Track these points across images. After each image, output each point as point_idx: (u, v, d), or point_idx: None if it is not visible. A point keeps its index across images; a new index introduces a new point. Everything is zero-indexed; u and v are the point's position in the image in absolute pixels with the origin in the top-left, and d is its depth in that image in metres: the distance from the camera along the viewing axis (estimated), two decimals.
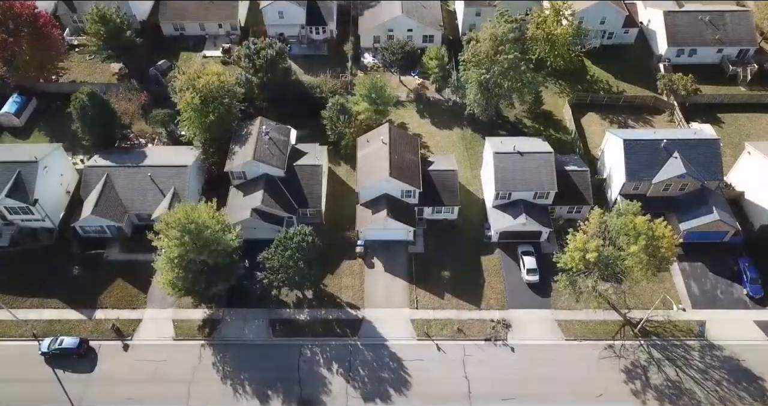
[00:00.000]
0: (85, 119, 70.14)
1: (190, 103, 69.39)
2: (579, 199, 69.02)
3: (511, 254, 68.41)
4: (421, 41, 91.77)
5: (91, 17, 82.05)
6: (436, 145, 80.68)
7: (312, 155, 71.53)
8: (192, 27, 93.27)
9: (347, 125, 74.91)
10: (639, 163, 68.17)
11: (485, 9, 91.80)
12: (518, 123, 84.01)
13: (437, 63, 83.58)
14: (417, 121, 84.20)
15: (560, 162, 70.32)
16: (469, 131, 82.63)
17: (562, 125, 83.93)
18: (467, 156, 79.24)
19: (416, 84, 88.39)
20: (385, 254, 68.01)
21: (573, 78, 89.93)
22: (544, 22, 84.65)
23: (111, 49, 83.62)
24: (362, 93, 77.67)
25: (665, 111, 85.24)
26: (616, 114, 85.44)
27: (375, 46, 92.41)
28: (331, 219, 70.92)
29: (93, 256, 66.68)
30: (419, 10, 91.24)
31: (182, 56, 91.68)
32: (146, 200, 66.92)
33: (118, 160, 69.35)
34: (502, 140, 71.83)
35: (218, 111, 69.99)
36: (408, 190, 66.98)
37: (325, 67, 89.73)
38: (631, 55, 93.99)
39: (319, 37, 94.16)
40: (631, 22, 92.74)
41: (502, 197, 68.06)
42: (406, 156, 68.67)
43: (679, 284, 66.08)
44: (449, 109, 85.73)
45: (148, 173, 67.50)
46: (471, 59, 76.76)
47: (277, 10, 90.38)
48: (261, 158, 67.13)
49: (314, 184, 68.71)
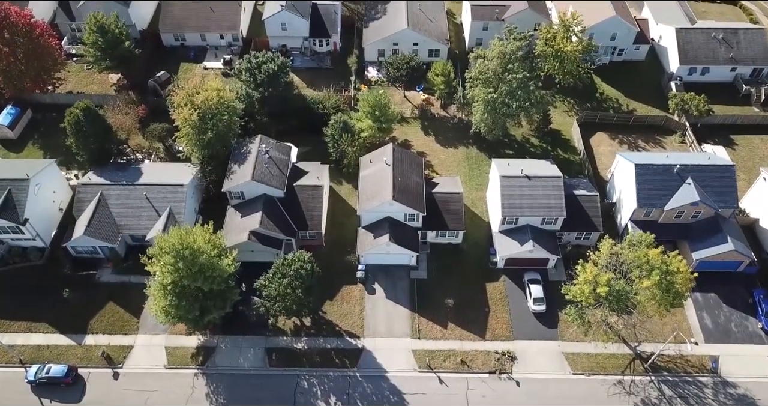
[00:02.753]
0: (79, 135, 67.88)
1: (188, 120, 67.28)
2: (588, 226, 66.67)
3: (516, 281, 66.13)
4: (427, 55, 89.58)
5: (89, 27, 79.93)
6: (441, 164, 78.45)
7: (313, 175, 69.30)
8: (193, 37, 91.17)
9: (350, 144, 72.69)
10: (651, 189, 65.89)
11: (493, 23, 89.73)
12: (525, 142, 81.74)
13: (443, 79, 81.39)
14: (421, 139, 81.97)
15: (569, 186, 68.05)
16: (474, 150, 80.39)
17: (570, 145, 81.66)
18: (472, 176, 76.97)
19: (421, 100, 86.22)
20: (387, 279, 65.74)
21: (582, 95, 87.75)
22: (553, 38, 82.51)
23: (109, 59, 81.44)
24: (365, 110, 75.51)
25: (677, 132, 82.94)
26: (626, 134, 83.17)
27: (379, 59, 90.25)
28: (332, 241, 68.68)
29: (84, 277, 64.45)
30: (425, 24, 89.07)
31: (182, 67, 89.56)
32: (141, 220, 64.71)
33: (112, 177, 67.14)
34: (509, 162, 69.59)
35: (217, 128, 67.78)
36: (411, 214, 64.75)
37: (329, 81, 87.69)
38: (641, 72, 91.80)
39: (322, 49, 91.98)
40: (642, 39, 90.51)
41: (509, 222, 65.79)
42: (409, 178, 66.43)
43: (691, 315, 63.76)
44: (454, 127, 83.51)
45: (143, 192, 65.27)
46: (478, 77, 74.60)
47: (280, 22, 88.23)
48: (260, 179, 64.90)
49: (315, 205, 66.47)
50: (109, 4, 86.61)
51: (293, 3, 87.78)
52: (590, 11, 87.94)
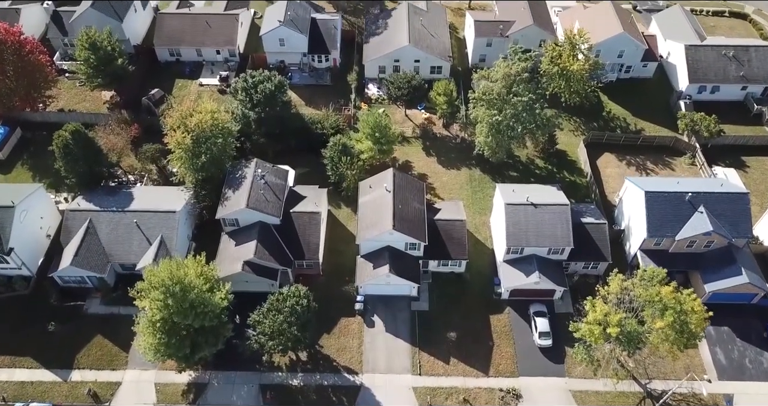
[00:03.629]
0: (68, 158, 65.24)
1: (181, 143, 64.85)
2: (596, 255, 64.05)
3: (521, 313, 63.58)
4: (429, 72, 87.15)
5: (81, 43, 77.51)
6: (443, 187, 75.94)
7: (311, 200, 66.80)
8: (188, 52, 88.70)
9: (349, 167, 70.20)
10: (661, 217, 63.33)
11: (497, 39, 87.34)
12: (530, 163, 79.22)
13: (445, 99, 78.88)
14: (423, 160, 79.47)
15: (576, 213, 65.50)
16: (477, 172, 77.86)
17: (576, 167, 79.12)
18: (475, 200, 74.45)
19: (423, 119, 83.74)
20: (387, 311, 63.19)
21: (588, 114, 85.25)
22: (559, 56, 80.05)
23: (101, 77, 78.99)
24: (365, 132, 73.03)
25: (686, 153, 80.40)
26: (634, 155, 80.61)
27: (380, 76, 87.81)
28: (330, 269, 66.19)
29: (72, 308, 61.92)
30: (427, 39, 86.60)
31: (177, 84, 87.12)
32: (131, 249, 62.17)
33: (102, 203, 64.59)
34: (514, 188, 66.98)
35: (211, 152, 65.33)
36: (412, 243, 62.22)
37: (328, 98, 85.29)
38: (649, 89, 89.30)
39: (321, 65, 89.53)
40: (650, 56, 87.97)
41: (514, 252, 63.24)
42: (410, 205, 63.90)
43: (704, 351, 61.16)
44: (457, 147, 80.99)
45: (133, 219, 62.74)
46: (481, 97, 72.09)
47: (278, 38, 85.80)
48: (255, 206, 62.37)
49: (312, 233, 63.92)
50: (103, 19, 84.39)
51: (292, 18, 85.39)
52: (597, 27, 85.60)
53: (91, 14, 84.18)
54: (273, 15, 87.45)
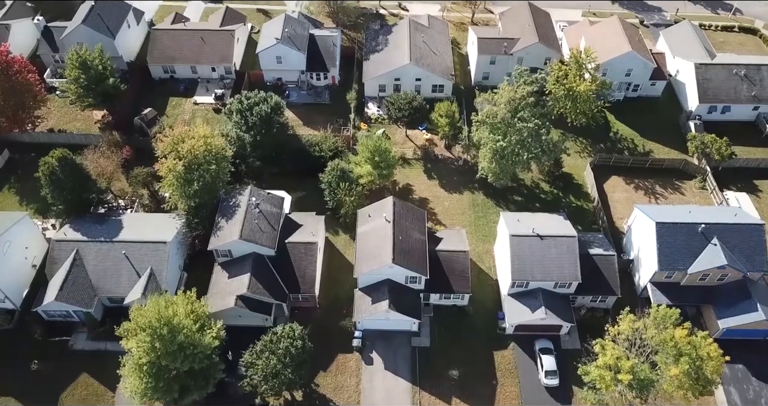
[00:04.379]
0: (55, 185, 62.64)
1: (172, 170, 62.30)
2: (605, 289, 61.35)
3: (527, 349, 60.92)
4: (430, 91, 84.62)
5: (71, 62, 74.97)
6: (445, 212, 73.30)
7: (307, 229, 64.15)
8: (183, 69, 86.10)
9: (347, 193, 67.60)
10: (673, 250, 60.67)
11: (501, 58, 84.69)
12: (535, 187, 76.57)
13: (447, 121, 76.26)
14: (424, 183, 76.83)
15: (583, 242, 62.80)
16: (480, 196, 75.21)
17: (583, 191, 76.48)
18: (479, 226, 71.83)
19: (424, 139, 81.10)
20: (386, 347, 60.51)
21: (595, 135, 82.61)
22: (565, 76, 77.45)
23: (92, 97, 76.40)
24: (365, 155, 70.39)
25: (696, 176, 77.72)
26: (643, 178, 77.95)
27: (380, 95, 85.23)
28: (326, 301, 63.62)
29: (57, 344, 59.29)
30: (429, 57, 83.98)
31: (171, 102, 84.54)
32: (119, 282, 59.58)
33: (90, 232, 61.98)
34: (519, 218, 64.36)
35: (203, 179, 62.73)
36: (413, 276, 59.58)
37: (327, 118, 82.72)
38: (657, 109, 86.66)
39: (320, 83, 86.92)
40: (658, 75, 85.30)
41: (519, 285, 60.58)
42: (411, 235, 61.24)
43: (718, 390, 58.33)
44: (459, 169, 78.35)
45: (122, 251, 60.16)
46: (485, 120, 69.46)
47: (275, 56, 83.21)
48: (248, 238, 59.74)
49: (308, 265, 61.24)
50: (95, 36, 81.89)
51: (289, 35, 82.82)
52: (604, 45, 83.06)
53: (83, 31, 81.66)
54: (270, 31, 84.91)
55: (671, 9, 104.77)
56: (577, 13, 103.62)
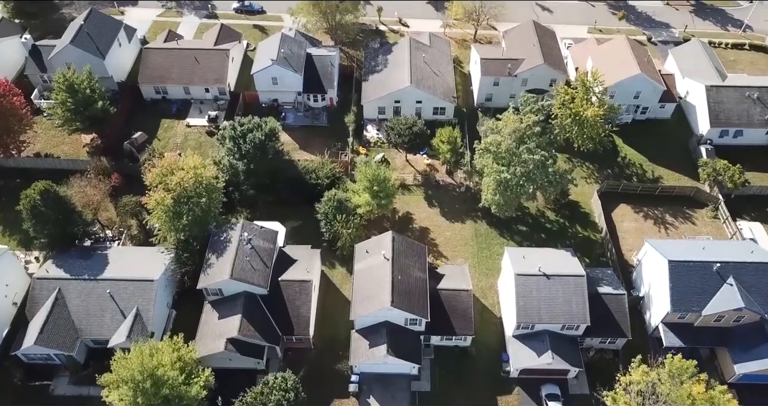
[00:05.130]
0: (37, 219, 59.70)
1: (161, 203, 59.37)
2: (615, 331, 58.31)
3: (532, 394, 57.96)
4: (431, 113, 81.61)
5: (58, 85, 72.04)
6: (446, 243, 70.29)
7: (301, 265, 61.13)
8: (175, 90, 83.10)
9: (344, 225, 64.64)
10: (686, 290, 57.63)
11: (504, 79, 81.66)
12: (540, 216, 73.56)
13: (449, 148, 73.25)
14: (424, 211, 73.82)
15: (592, 279, 59.78)
16: (483, 225, 72.18)
17: (590, 221, 73.46)
18: (482, 259, 68.81)
19: (425, 164, 78.12)
20: (384, 392, 57.50)
21: (602, 160, 79.58)
22: (572, 100, 74.48)
23: (80, 121, 73.45)
24: (363, 185, 67.37)
25: (708, 205, 74.68)
26: (652, 206, 74.93)
27: (379, 117, 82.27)
28: (322, 341, 60.60)
29: (38, 388, 56.28)
30: (430, 79, 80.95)
31: (163, 125, 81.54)
32: (103, 323, 56.62)
33: (73, 269, 58.99)
34: (524, 253, 61.35)
35: (193, 213, 59.79)
36: (413, 319, 56.56)
37: (324, 141, 79.78)
38: (667, 132, 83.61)
39: (317, 104, 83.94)
40: (668, 97, 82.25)
41: (524, 327, 57.55)
42: (411, 274, 58.22)
43: None
44: (461, 197, 75.34)
45: (107, 290, 57.17)
46: (488, 148, 66.48)
47: (271, 77, 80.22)
48: (240, 277, 56.78)
49: (302, 305, 58.26)
50: (83, 56, 78.88)
51: (285, 55, 79.86)
52: (611, 66, 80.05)
53: (71, 51, 78.66)
54: (265, 51, 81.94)
55: (679, 25, 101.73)
56: (582, 29, 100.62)
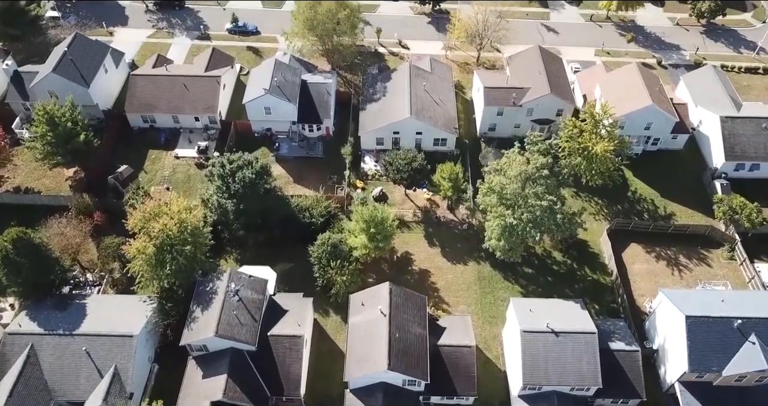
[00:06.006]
0: (10, 268, 55.85)
1: (142, 252, 55.57)
2: (627, 391, 54.43)
3: None
4: (432, 144, 77.74)
5: (38, 118, 68.27)
6: (448, 287, 66.41)
7: (293, 316, 57.26)
8: (164, 119, 79.24)
9: (339, 271, 60.78)
10: (705, 348, 53.71)
11: (508, 109, 77.79)
12: (546, 257, 69.64)
13: (451, 185, 69.34)
14: (425, 251, 69.93)
15: (603, 333, 55.87)
16: (487, 267, 68.28)
17: (599, 262, 69.59)
18: (485, 305, 64.95)
19: (425, 199, 74.26)
20: None
21: (612, 194, 75.66)
22: (580, 133, 70.63)
23: (61, 155, 69.68)
24: (360, 226, 63.49)
25: (724, 245, 70.75)
26: (665, 246, 71.00)
27: (377, 148, 78.42)
28: (313, 401, 56.68)
29: None
30: (431, 109, 77.04)
31: (150, 156, 77.69)
32: (78, 383, 52.76)
33: (48, 322, 55.17)
34: (531, 306, 57.36)
35: (177, 262, 55.94)
36: (412, 379, 52.64)
37: (320, 174, 76.05)
38: (679, 163, 79.63)
39: (313, 134, 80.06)
40: (681, 128, 78.31)
41: (531, 388, 53.63)
42: (410, 330, 54.28)
43: None
44: (464, 235, 71.47)
45: (83, 347, 53.33)
46: (492, 189, 62.61)
47: (263, 106, 76.39)
48: (225, 333, 52.91)
49: (293, 362, 54.34)
50: (67, 84, 75.18)
51: (279, 84, 75.99)
52: (621, 95, 76.30)
53: (53, 79, 74.79)
54: (258, 79, 78.05)
55: (690, 48, 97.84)
56: (590, 51, 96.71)
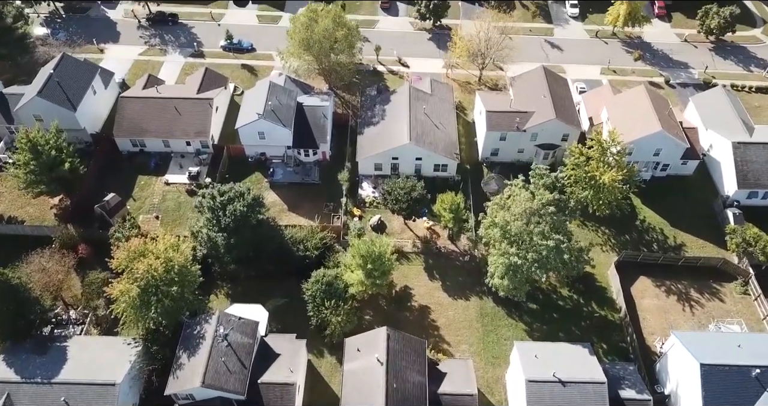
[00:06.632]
0: None
1: (125, 294, 52.61)
2: None
3: None
4: (432, 169, 74.82)
5: (20, 145, 65.42)
6: (449, 326, 63.40)
7: (285, 362, 54.19)
8: (154, 143, 76.27)
9: (334, 311, 57.80)
10: (721, 399, 50.76)
11: (512, 134, 74.83)
12: (552, 292, 66.61)
13: (452, 216, 66.34)
14: (424, 285, 66.94)
15: (612, 379, 52.85)
16: (490, 303, 65.29)
17: (607, 297, 66.58)
18: (487, 344, 61.94)
19: (425, 228, 71.26)
20: None
21: (619, 224, 72.65)
22: (587, 161, 67.68)
23: (44, 184, 66.77)
24: (356, 262, 60.46)
25: (737, 278, 67.74)
26: (675, 279, 67.98)
27: (376, 174, 75.49)
28: None
29: None
30: (431, 133, 74.07)
31: (139, 182, 74.84)
32: None
33: (25, 368, 52.21)
34: (536, 352, 54.27)
35: (162, 304, 52.98)
36: None
37: (315, 201, 73.01)
38: (689, 190, 76.60)
39: (309, 158, 77.10)
40: (691, 154, 75.32)
41: None
42: (408, 379, 51.27)
43: None
44: (465, 267, 68.49)
45: (62, 396, 50.34)
46: (495, 222, 59.67)
47: (257, 131, 73.48)
48: (213, 384, 49.90)
49: None
50: (52, 108, 72.46)
51: (273, 108, 73.06)
52: (630, 121, 73.49)
53: (38, 103, 72.01)
54: (252, 101, 75.22)
55: (699, 65, 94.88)
56: (595, 70, 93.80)
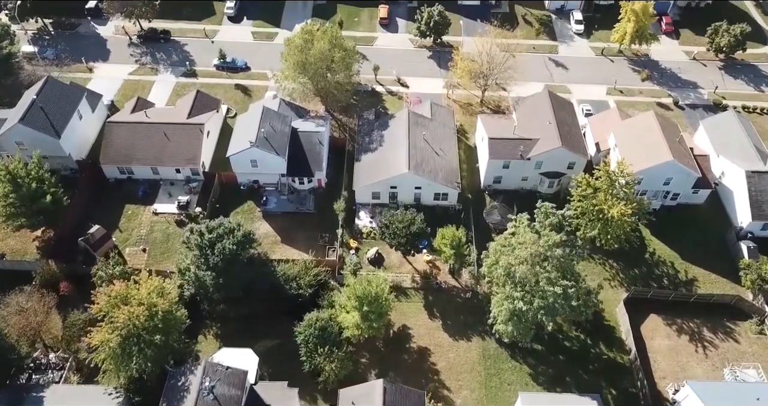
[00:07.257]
0: None
1: (105, 343, 49.46)
2: None
3: None
4: (432, 198, 71.67)
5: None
6: (449, 369, 60.24)
7: None
8: (142, 170, 73.09)
9: (328, 357, 54.60)
10: None
11: (515, 162, 71.67)
12: (557, 332, 63.27)
13: (453, 252, 63.17)
14: (424, 324, 63.74)
15: None
16: (492, 344, 62.10)
17: (616, 337, 63.38)
18: (490, 389, 58.84)
19: (425, 261, 68.09)
20: None
21: (628, 257, 69.47)
22: (594, 194, 64.53)
23: (25, 217, 63.64)
24: (352, 303, 57.27)
25: (753, 317, 64.56)
26: (687, 317, 64.91)
27: (373, 202, 72.34)
28: None
29: None
30: (431, 161, 70.93)
31: (127, 211, 71.62)
32: None
33: None
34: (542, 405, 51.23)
35: (145, 354, 49.81)
36: None
37: (310, 232, 69.98)
38: (700, 220, 73.45)
39: (303, 187, 73.91)
40: (702, 183, 72.09)
41: None
42: None
43: None
44: (467, 305, 65.32)
45: None
46: (497, 262, 56.54)
47: (249, 159, 70.33)
48: None
49: None
50: (36, 136, 69.47)
51: (266, 135, 69.91)
52: (639, 148, 70.64)
53: (21, 130, 68.91)
54: (244, 127, 72.10)
55: (708, 85, 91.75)
56: (601, 90, 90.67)
